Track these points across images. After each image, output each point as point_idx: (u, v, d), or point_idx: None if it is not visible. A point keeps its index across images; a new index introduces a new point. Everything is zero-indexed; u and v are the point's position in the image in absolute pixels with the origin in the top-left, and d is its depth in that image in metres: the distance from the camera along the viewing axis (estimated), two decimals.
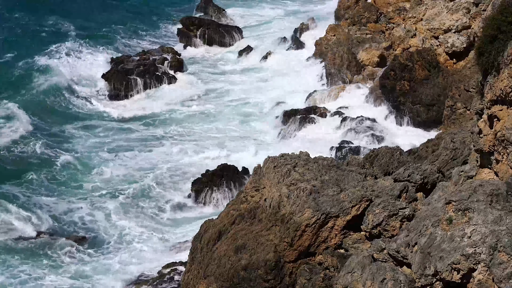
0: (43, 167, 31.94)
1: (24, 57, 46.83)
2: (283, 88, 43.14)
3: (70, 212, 28.28)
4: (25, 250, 25.32)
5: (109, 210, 28.26)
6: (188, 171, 32.24)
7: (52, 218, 27.52)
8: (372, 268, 13.36)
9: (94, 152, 33.96)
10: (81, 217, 27.97)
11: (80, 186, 30.58)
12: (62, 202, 28.89)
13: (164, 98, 42.60)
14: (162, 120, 39.51)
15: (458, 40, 35.89)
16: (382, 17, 44.61)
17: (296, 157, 18.86)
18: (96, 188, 30.37)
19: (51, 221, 27.24)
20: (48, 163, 32.46)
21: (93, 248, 25.56)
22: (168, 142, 36.04)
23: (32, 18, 57.11)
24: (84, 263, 24.55)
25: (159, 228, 27.17)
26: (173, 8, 65.97)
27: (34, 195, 29.15)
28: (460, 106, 29.59)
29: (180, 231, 27.02)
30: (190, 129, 37.84)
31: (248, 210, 18.43)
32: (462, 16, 36.93)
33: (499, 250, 11.57)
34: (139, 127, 38.30)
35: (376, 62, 39.55)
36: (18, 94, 40.90)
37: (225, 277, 16.94)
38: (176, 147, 34.92)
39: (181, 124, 38.84)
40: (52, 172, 31.54)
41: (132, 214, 28.17)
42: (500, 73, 13.46)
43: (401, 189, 16.59)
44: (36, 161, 32.50)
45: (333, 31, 44.59)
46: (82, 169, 32.22)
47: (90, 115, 40.03)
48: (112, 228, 26.99)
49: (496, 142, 13.75)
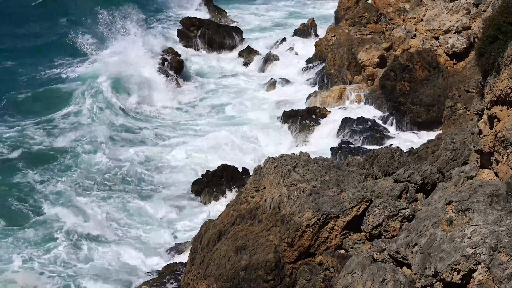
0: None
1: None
2: (283, 88, 43.16)
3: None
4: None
5: (106, 209, 28.17)
6: (188, 171, 32.23)
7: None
8: (372, 269, 13.36)
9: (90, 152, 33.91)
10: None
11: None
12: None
13: (164, 98, 42.63)
14: (161, 121, 39.51)
15: (458, 41, 35.90)
16: (382, 18, 44.62)
17: (296, 157, 18.88)
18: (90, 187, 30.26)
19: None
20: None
21: (91, 247, 25.47)
22: (168, 142, 36.02)
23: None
24: (81, 262, 24.47)
25: (159, 228, 27.14)
26: (173, 8, 66.04)
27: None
28: (460, 106, 29.55)
29: (180, 231, 27.00)
30: (190, 130, 37.84)
31: (248, 210, 18.44)
32: (462, 16, 36.95)
33: (499, 250, 11.57)
34: (140, 127, 38.31)
35: (376, 62, 39.55)
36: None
37: (225, 277, 16.96)
38: (176, 147, 34.90)
39: (180, 124, 38.85)
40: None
41: (131, 214, 28.12)
42: (500, 73, 13.46)
43: (401, 189, 16.60)
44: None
45: (333, 32, 44.61)
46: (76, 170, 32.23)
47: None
48: (109, 228, 26.88)
49: (496, 142, 13.75)
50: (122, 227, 26.99)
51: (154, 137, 36.80)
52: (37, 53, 50.29)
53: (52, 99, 40.61)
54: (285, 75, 45.25)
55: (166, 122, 39.47)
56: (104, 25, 49.87)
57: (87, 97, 40.08)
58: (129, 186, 30.59)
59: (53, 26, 58.17)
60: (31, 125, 36.54)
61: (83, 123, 36.95)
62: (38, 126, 36.52)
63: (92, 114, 38.14)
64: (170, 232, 26.70)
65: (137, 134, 37.06)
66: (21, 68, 46.98)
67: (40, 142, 34.34)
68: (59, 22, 59.35)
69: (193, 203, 29.29)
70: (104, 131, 35.72)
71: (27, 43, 53.10)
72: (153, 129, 37.88)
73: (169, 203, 29.02)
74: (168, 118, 40.07)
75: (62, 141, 34.28)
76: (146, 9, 63.87)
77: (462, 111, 29.44)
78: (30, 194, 28.88)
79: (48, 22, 59.35)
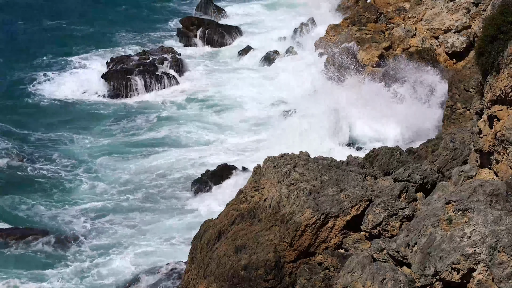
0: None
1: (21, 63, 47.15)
2: (283, 88, 43.15)
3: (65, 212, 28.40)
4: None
5: (107, 212, 28.23)
6: (187, 172, 32.23)
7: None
8: (372, 268, 13.37)
9: (92, 155, 33.97)
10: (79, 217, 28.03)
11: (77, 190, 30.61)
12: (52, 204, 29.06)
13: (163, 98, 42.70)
14: (161, 121, 39.50)
15: (458, 40, 35.92)
16: (382, 17, 44.61)
17: (296, 157, 18.87)
18: (96, 190, 30.36)
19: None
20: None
21: (91, 247, 25.51)
22: (167, 143, 36.02)
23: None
24: (83, 261, 24.52)
25: (159, 228, 27.14)
26: (173, 8, 66.02)
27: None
28: (460, 106, 29.59)
29: (179, 231, 26.98)
30: (189, 130, 37.82)
31: (248, 210, 18.44)
32: (462, 16, 36.96)
33: (499, 250, 11.57)
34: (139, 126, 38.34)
35: (376, 62, 39.53)
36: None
37: (224, 277, 16.95)
38: (175, 148, 34.90)
39: (179, 124, 38.85)
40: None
41: (130, 214, 28.14)
42: (500, 73, 13.47)
43: (401, 189, 16.59)
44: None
45: (333, 31, 44.60)
46: (80, 171, 32.28)
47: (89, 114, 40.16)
48: (108, 228, 26.91)
49: (496, 142, 13.75)
50: (119, 227, 27.04)
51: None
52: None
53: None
54: (285, 73, 45.20)
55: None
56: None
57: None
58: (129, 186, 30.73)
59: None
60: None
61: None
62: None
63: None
64: (169, 232, 26.66)
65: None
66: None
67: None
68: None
69: (192, 203, 29.30)
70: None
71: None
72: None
73: (168, 203, 29.09)
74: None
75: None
76: (146, 9, 63.94)
77: (461, 111, 29.47)
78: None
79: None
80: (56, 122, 38.41)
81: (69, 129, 37.29)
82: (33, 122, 38.11)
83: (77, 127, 37.69)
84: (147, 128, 37.87)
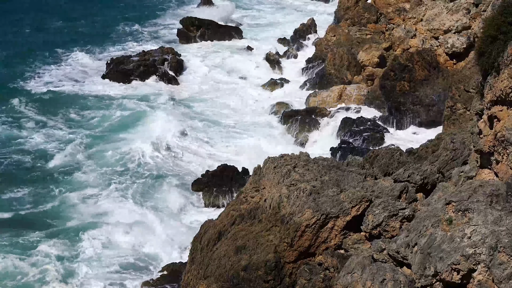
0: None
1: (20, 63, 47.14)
2: (283, 88, 43.15)
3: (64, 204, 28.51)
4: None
5: (106, 211, 28.19)
6: (188, 172, 32.22)
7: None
8: (372, 269, 13.36)
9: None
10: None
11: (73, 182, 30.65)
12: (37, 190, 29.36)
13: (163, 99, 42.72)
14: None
15: (458, 41, 35.90)
16: (382, 18, 44.65)
17: (296, 157, 18.88)
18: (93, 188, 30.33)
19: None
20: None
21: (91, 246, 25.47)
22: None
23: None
24: (83, 260, 24.49)
25: (159, 228, 27.10)
26: (173, 8, 66.07)
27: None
28: (460, 106, 29.58)
29: (179, 231, 26.96)
30: (189, 130, 37.80)
31: (248, 210, 18.44)
32: (462, 16, 36.96)
33: (499, 250, 11.57)
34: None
35: (376, 62, 39.56)
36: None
37: (225, 277, 16.94)
38: (175, 148, 34.88)
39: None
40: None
41: (130, 214, 28.09)
42: (500, 73, 13.46)
43: (401, 189, 16.59)
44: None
45: (333, 32, 44.64)
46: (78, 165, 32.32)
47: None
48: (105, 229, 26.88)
49: (496, 142, 13.74)
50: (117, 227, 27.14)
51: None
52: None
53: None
54: (285, 75, 45.24)
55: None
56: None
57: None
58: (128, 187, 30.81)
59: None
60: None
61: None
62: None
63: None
64: (169, 232, 26.64)
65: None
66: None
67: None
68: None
69: (193, 203, 29.28)
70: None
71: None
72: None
73: (169, 203, 29.11)
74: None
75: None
76: (146, 9, 63.98)
77: (462, 111, 29.47)
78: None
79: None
80: (52, 118, 38.51)
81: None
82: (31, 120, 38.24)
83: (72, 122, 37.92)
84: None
